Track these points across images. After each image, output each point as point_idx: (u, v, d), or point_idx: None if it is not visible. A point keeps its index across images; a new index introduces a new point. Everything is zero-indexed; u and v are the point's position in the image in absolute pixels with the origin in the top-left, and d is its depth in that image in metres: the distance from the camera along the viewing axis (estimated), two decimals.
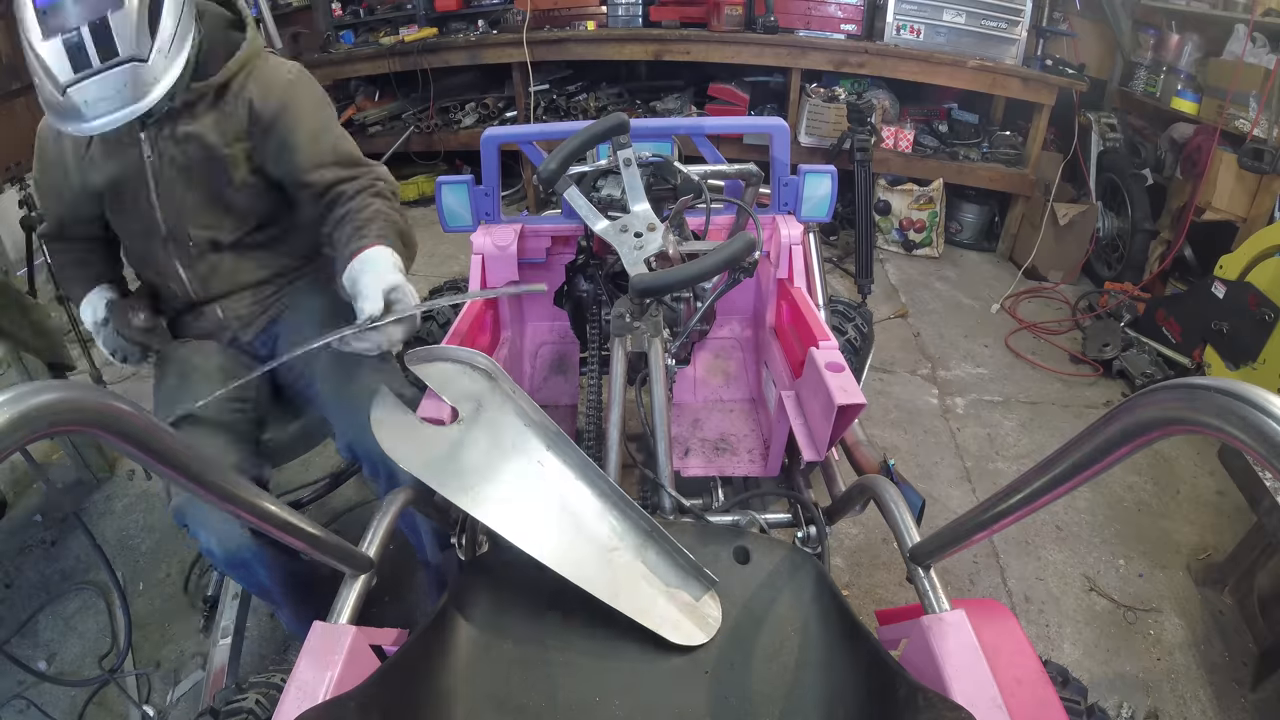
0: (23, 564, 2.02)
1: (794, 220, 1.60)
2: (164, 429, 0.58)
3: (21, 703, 1.67)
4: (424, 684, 0.83)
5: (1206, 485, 2.25)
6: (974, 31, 3.32)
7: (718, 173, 1.55)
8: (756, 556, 0.95)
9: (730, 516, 1.26)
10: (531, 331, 1.86)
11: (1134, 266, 3.12)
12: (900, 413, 2.55)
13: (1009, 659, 0.82)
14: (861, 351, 1.98)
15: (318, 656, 0.80)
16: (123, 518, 2.14)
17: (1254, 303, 2.29)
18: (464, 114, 4.01)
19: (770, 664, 0.86)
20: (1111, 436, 0.56)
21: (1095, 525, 2.11)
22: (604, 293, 1.51)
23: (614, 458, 1.15)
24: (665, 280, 1.11)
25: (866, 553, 1.99)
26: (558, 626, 0.90)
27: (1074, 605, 1.88)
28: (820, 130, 3.54)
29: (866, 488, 1.06)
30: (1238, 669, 1.72)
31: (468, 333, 1.38)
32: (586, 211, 1.31)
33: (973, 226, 3.72)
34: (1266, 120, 2.58)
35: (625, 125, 1.29)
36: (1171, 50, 3.08)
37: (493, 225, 1.60)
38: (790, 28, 3.53)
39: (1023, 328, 3.06)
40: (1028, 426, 2.50)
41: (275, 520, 0.74)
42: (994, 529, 0.74)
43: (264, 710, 0.96)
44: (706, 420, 1.64)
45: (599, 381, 1.47)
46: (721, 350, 1.81)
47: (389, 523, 0.99)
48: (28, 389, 0.47)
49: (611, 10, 3.65)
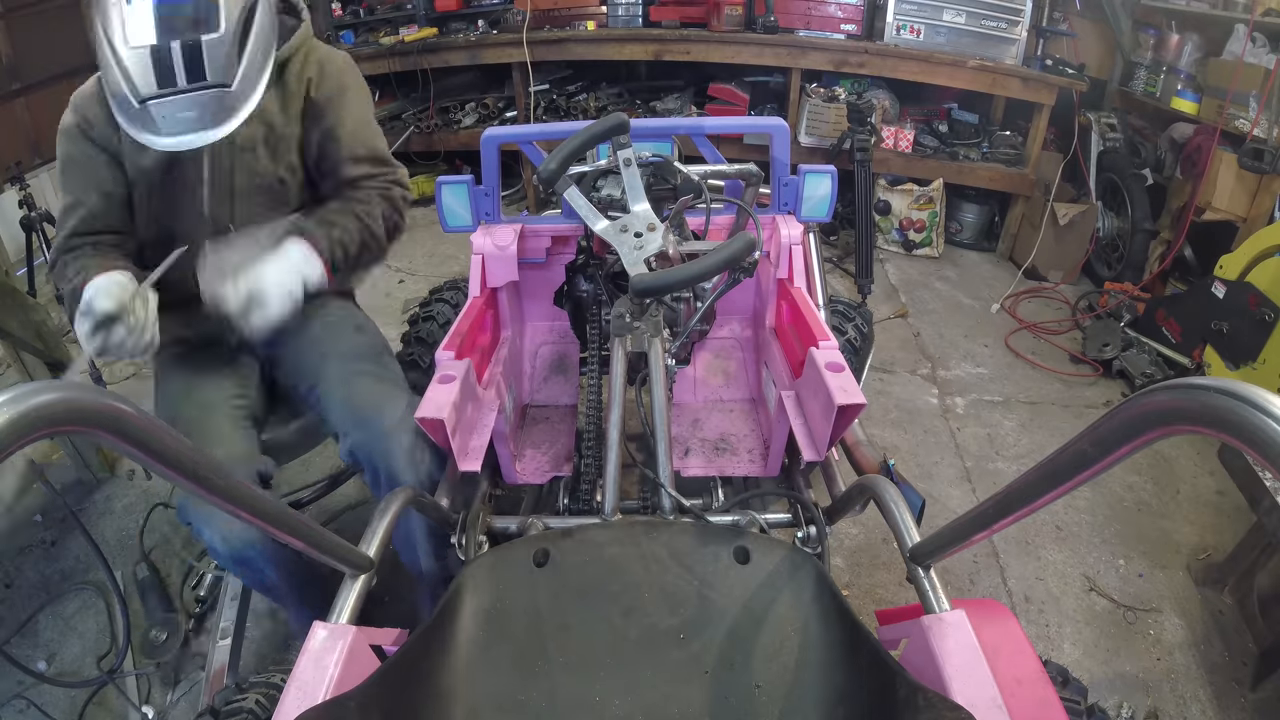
0: (23, 564, 2.01)
1: (794, 220, 1.60)
2: (164, 429, 0.58)
3: (21, 703, 1.67)
4: (424, 684, 0.83)
5: (1206, 485, 2.25)
6: (974, 31, 3.32)
7: (718, 173, 1.55)
8: (756, 556, 0.95)
9: (730, 516, 1.26)
10: (531, 331, 1.86)
11: (1134, 266, 3.12)
12: (900, 412, 2.55)
13: (1009, 659, 0.82)
14: (861, 351, 1.98)
15: (318, 656, 0.80)
16: (123, 517, 2.14)
17: (1254, 303, 2.29)
18: (464, 114, 4.01)
19: (770, 664, 0.86)
20: (1111, 437, 0.56)
21: (1095, 525, 2.11)
22: (604, 293, 1.51)
23: (614, 458, 1.15)
24: (665, 280, 1.11)
25: (866, 552, 1.99)
26: (558, 626, 0.90)
27: (1074, 605, 1.88)
28: (820, 130, 3.54)
29: (866, 488, 1.06)
30: (1237, 669, 1.72)
31: (468, 333, 1.39)
32: (586, 211, 1.31)
33: (973, 226, 3.72)
34: (1266, 120, 2.58)
35: (625, 125, 1.30)
36: (1171, 50, 3.08)
37: (493, 225, 1.60)
38: (790, 28, 3.52)
39: (1023, 328, 3.06)
40: (1028, 426, 2.50)
41: (275, 520, 0.74)
42: (994, 529, 0.74)
43: (264, 710, 0.96)
44: (706, 420, 1.64)
45: (599, 381, 1.47)
46: (721, 350, 1.81)
47: (389, 523, 0.99)
48: (28, 389, 0.47)
49: (611, 10, 3.65)
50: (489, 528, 1.29)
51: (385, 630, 0.91)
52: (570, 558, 0.96)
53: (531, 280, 1.74)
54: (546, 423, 1.67)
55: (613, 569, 0.95)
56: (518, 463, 1.50)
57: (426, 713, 0.81)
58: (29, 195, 2.56)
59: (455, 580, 0.94)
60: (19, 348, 1.98)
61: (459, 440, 1.22)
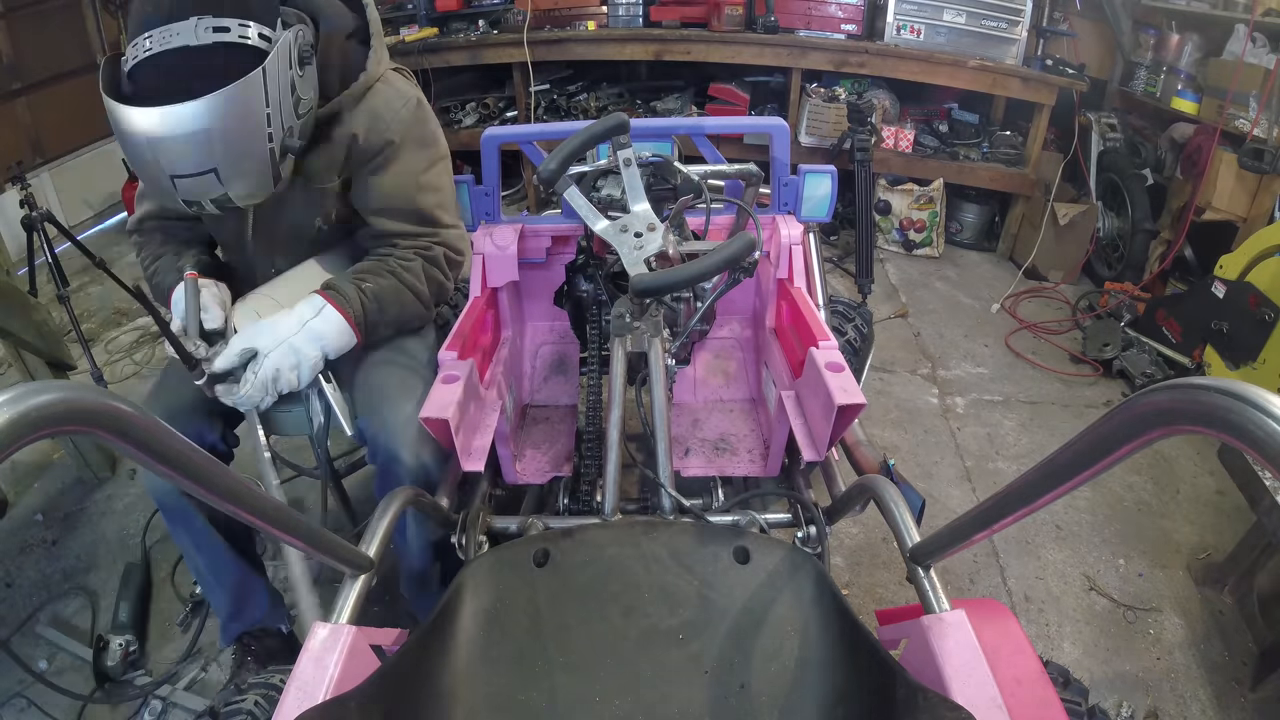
0: (23, 563, 2.01)
1: (794, 220, 1.60)
2: (164, 429, 0.58)
3: (21, 701, 1.67)
4: (424, 684, 0.83)
5: (1206, 485, 2.26)
6: (974, 31, 3.32)
7: (718, 173, 1.55)
8: (756, 556, 0.95)
9: (730, 516, 1.26)
10: (531, 331, 1.86)
11: (1134, 266, 3.12)
12: (900, 412, 2.55)
13: (1009, 659, 0.82)
14: (861, 351, 1.98)
15: (318, 656, 0.80)
16: (123, 517, 2.14)
17: (1254, 302, 2.29)
18: (464, 114, 4.01)
19: (770, 664, 0.86)
20: (1111, 436, 0.56)
21: (1095, 525, 2.11)
22: (604, 293, 1.51)
23: (614, 458, 1.15)
24: (666, 280, 1.11)
25: (866, 551, 1.99)
26: (558, 626, 0.90)
27: (1074, 604, 1.88)
28: (820, 130, 3.54)
29: (866, 488, 1.05)
30: (1237, 668, 1.72)
31: (470, 333, 1.39)
32: (586, 212, 1.31)
33: (973, 226, 3.72)
34: (1266, 120, 2.58)
35: (625, 125, 1.29)
36: (1172, 50, 3.08)
37: (493, 225, 1.60)
38: (790, 28, 3.52)
39: (1023, 327, 3.06)
40: (1028, 426, 2.50)
41: (275, 519, 0.74)
42: (994, 529, 0.74)
43: (263, 711, 0.96)
44: (706, 420, 1.64)
45: (599, 381, 1.47)
46: (721, 350, 1.81)
47: (389, 523, 0.99)
48: (28, 389, 0.47)
49: (612, 10, 3.65)
50: (489, 528, 1.29)
51: (385, 630, 0.91)
52: (570, 558, 0.96)
53: (531, 280, 1.75)
54: (546, 423, 1.67)
55: (613, 569, 0.95)
56: (518, 463, 1.50)
57: (426, 713, 0.81)
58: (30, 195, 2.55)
59: (455, 580, 0.94)
60: (20, 347, 1.98)
61: (462, 440, 1.22)
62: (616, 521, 1.12)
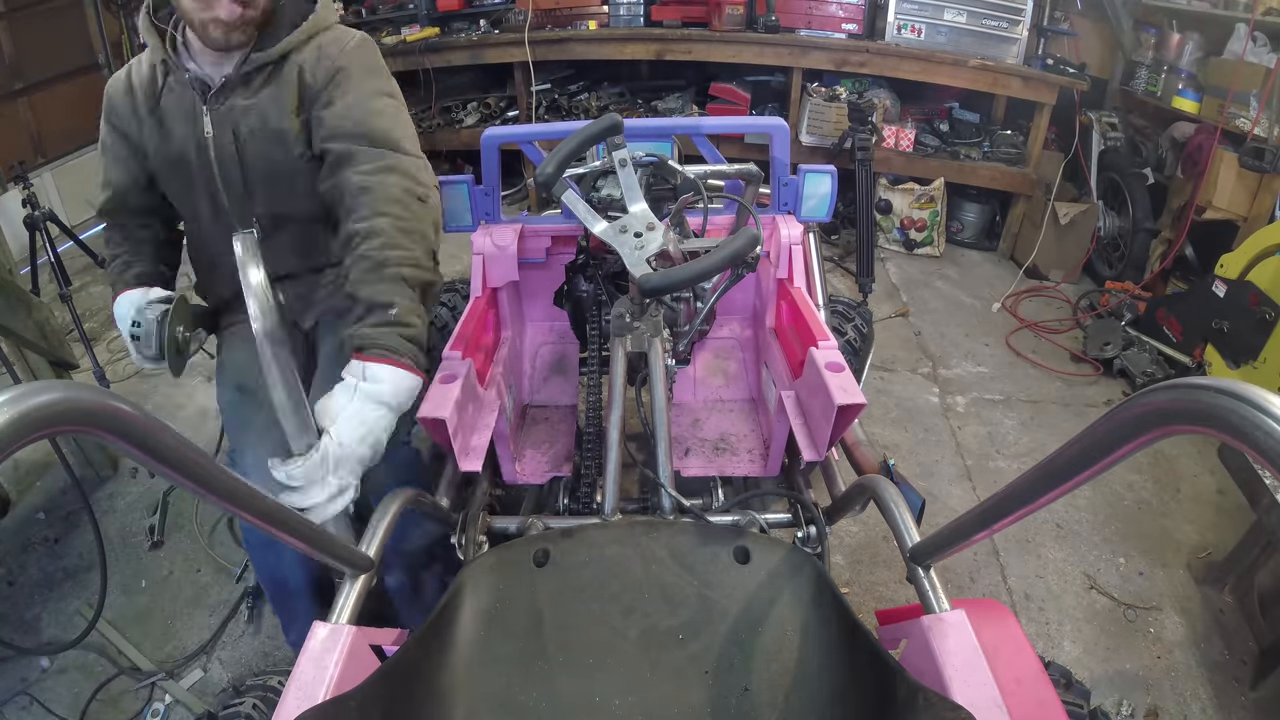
0: (26, 561, 2.02)
1: (794, 220, 1.60)
2: (165, 428, 0.58)
3: (25, 699, 1.67)
4: (424, 684, 0.83)
5: (1206, 484, 2.25)
6: (975, 31, 3.32)
7: (717, 173, 1.54)
8: (756, 556, 0.95)
9: (730, 516, 1.26)
10: (531, 331, 1.86)
11: (1135, 265, 3.12)
12: (900, 411, 2.55)
13: (1009, 659, 0.82)
14: (861, 351, 1.98)
15: (318, 656, 0.80)
16: (125, 515, 2.15)
17: (1255, 301, 2.29)
18: (466, 113, 4.01)
19: (770, 664, 0.86)
20: (1111, 436, 0.56)
21: (1095, 524, 2.11)
22: (604, 293, 1.51)
23: (614, 458, 1.15)
24: (674, 278, 1.10)
25: (867, 550, 1.99)
26: (558, 626, 0.90)
27: (1074, 603, 1.88)
28: (821, 130, 3.54)
29: (866, 487, 1.05)
30: (1238, 667, 1.72)
31: (471, 335, 1.39)
32: (585, 214, 1.31)
33: (974, 226, 3.72)
34: (1267, 119, 2.58)
35: (619, 126, 1.29)
36: (1172, 49, 3.08)
37: (493, 225, 1.60)
38: (791, 27, 3.52)
39: (1023, 327, 3.06)
40: (1028, 425, 2.50)
41: (275, 519, 0.74)
42: (994, 528, 0.74)
43: (261, 714, 0.96)
44: (706, 420, 1.64)
45: (599, 381, 1.47)
46: (721, 350, 1.81)
47: (389, 523, 0.99)
48: (28, 389, 0.47)
49: (613, 10, 3.65)
50: (489, 528, 1.29)
51: (385, 630, 0.91)
52: (570, 558, 0.96)
53: (531, 280, 1.75)
54: (546, 423, 1.67)
55: (613, 569, 0.95)
56: (518, 463, 1.51)
57: (426, 713, 0.81)
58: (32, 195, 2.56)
59: (455, 580, 0.94)
60: (22, 346, 1.98)
61: (460, 440, 1.22)
62: (616, 521, 1.12)
